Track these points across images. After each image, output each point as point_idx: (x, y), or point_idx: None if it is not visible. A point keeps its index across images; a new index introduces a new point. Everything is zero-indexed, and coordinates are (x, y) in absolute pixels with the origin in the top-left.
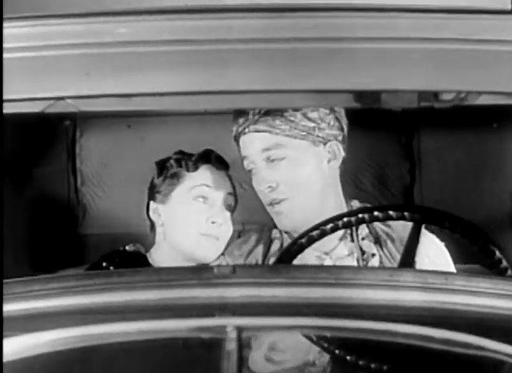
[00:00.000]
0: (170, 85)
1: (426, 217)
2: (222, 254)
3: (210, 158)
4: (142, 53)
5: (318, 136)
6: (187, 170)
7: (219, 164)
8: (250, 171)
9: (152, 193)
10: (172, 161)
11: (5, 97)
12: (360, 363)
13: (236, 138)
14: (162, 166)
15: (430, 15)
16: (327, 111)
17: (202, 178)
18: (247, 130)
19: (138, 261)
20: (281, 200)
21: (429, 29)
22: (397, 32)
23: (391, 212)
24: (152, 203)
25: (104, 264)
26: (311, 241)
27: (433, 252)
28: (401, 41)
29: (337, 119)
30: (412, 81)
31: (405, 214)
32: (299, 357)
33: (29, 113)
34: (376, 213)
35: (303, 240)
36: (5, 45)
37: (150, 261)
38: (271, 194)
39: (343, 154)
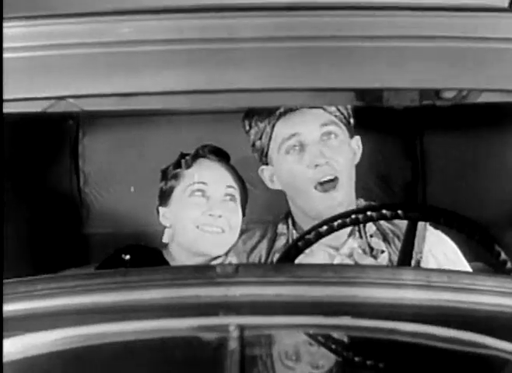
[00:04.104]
0: (173, 84)
1: (427, 215)
2: (226, 254)
3: (204, 152)
4: (145, 52)
5: (351, 128)
6: (184, 168)
7: (216, 156)
8: (288, 152)
9: (160, 198)
10: (172, 165)
11: (6, 97)
12: (368, 363)
13: (276, 121)
14: (164, 172)
15: (432, 13)
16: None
17: (198, 174)
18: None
19: (155, 257)
20: (332, 177)
21: (431, 28)
22: (399, 30)
23: (399, 211)
24: (160, 208)
25: (123, 256)
26: (319, 236)
27: (445, 249)
28: (403, 39)
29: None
30: (414, 79)
31: (413, 213)
32: (306, 359)
33: (31, 113)
34: (384, 211)
35: (310, 235)
36: (7, 44)
37: (167, 258)
38: (326, 169)
39: (361, 150)
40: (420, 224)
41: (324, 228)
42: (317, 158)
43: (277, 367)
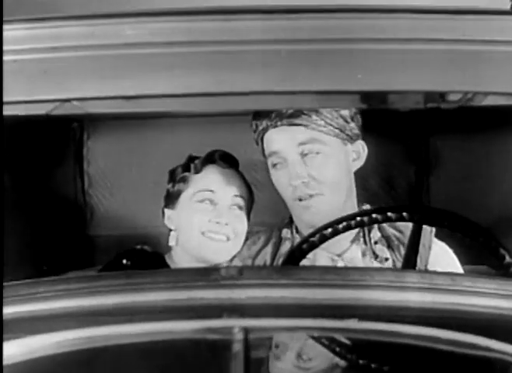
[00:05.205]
0: (177, 87)
1: (432, 217)
2: (231, 260)
3: (214, 157)
4: (148, 54)
5: (348, 135)
6: (193, 172)
7: (225, 162)
8: (274, 165)
9: (166, 200)
10: (180, 167)
11: (11, 99)
12: (373, 366)
13: (262, 133)
14: (172, 173)
15: (436, 16)
16: (356, 109)
17: (206, 181)
18: (279, 123)
19: (157, 261)
20: (312, 194)
21: (435, 30)
22: (403, 33)
23: (404, 213)
24: (166, 210)
25: (124, 261)
26: (323, 239)
27: (445, 260)
28: (407, 42)
29: (361, 118)
30: (419, 81)
31: (418, 215)
32: (311, 361)
33: (35, 115)
34: (389, 213)
35: (315, 238)
36: (12, 47)
37: (169, 262)
38: (303, 189)
39: (366, 153)
40: (426, 233)
41: (329, 230)
42: (294, 179)
43: (281, 369)
